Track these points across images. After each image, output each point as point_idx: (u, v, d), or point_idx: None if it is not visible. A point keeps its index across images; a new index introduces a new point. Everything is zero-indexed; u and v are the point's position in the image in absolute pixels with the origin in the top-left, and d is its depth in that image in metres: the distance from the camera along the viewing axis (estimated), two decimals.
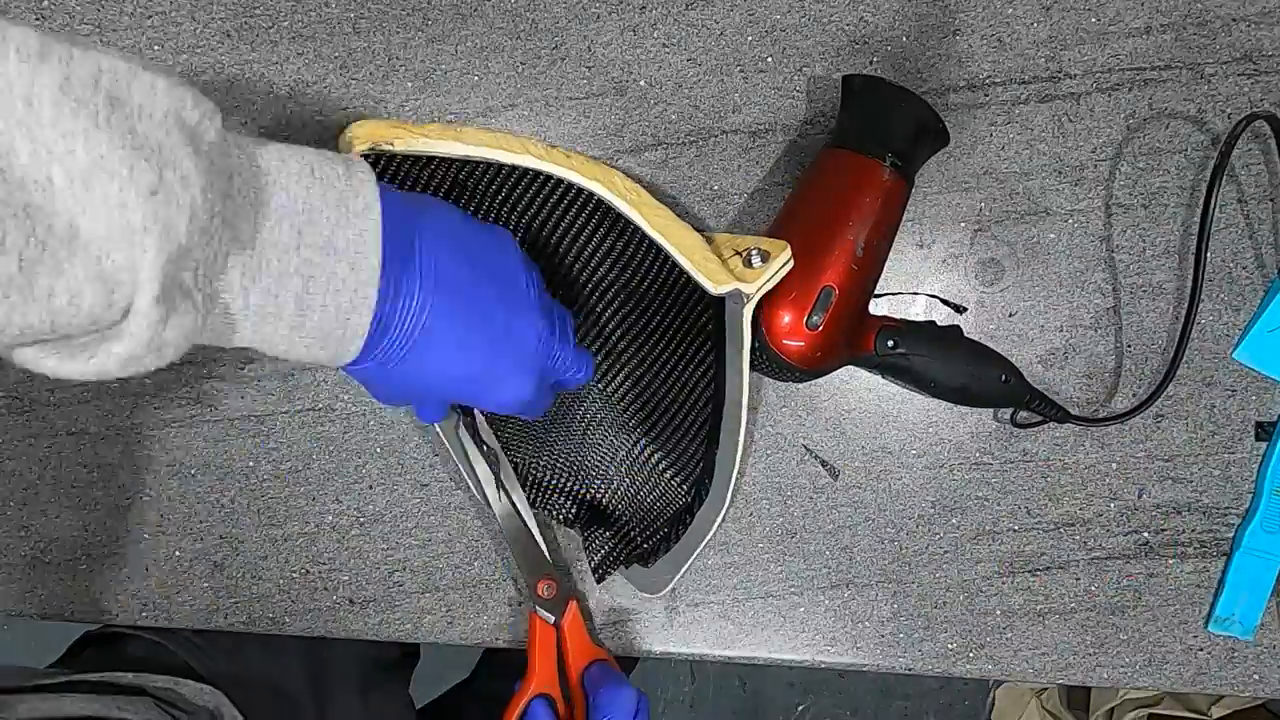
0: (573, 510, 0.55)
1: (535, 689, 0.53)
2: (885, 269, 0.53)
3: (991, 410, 0.56)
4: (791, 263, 0.48)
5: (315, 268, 0.34)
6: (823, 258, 0.49)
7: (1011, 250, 0.56)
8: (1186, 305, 0.53)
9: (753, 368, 0.51)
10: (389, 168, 0.49)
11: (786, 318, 0.49)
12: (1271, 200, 0.56)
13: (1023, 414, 0.55)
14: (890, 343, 0.51)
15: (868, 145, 0.49)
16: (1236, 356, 0.55)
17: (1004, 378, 0.52)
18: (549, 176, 0.49)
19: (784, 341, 0.49)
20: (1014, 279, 0.56)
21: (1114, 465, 0.56)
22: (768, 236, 0.50)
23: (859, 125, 0.51)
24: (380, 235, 0.36)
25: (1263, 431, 0.56)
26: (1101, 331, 0.56)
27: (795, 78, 0.56)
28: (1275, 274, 0.55)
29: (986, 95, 0.55)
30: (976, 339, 0.54)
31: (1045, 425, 0.56)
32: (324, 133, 0.56)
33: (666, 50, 0.56)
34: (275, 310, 0.34)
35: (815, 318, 0.48)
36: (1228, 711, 1.02)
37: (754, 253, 0.47)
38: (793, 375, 0.51)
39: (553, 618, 0.54)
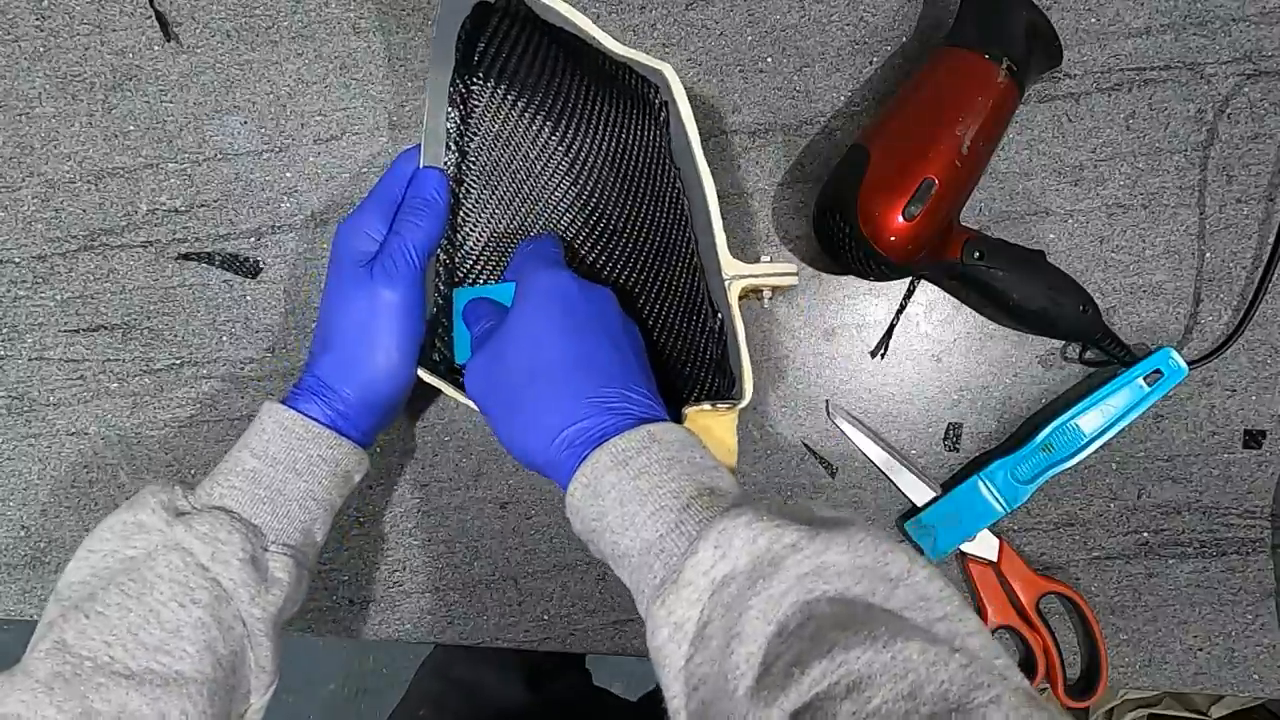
0: None
1: (993, 625, 0.56)
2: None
3: (1045, 355, 0.56)
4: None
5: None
6: (928, 149, 0.48)
7: None
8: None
9: (840, 259, 0.50)
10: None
11: (884, 205, 0.48)
12: (1270, 200, 0.56)
13: (1090, 353, 0.56)
14: (977, 254, 0.50)
15: (986, 46, 0.49)
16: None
17: (1082, 308, 0.52)
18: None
19: (878, 229, 0.48)
20: None
21: (1114, 465, 0.56)
22: (872, 129, 0.50)
23: (979, 27, 0.50)
24: None
25: (1252, 439, 0.56)
26: None
27: (795, 78, 0.56)
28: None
29: None
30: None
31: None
32: (324, 132, 0.56)
33: (666, 50, 0.56)
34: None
35: (914, 208, 0.47)
36: (1228, 711, 1.02)
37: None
38: (878, 268, 0.50)
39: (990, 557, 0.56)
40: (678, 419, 0.47)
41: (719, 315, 0.49)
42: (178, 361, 0.57)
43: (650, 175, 0.51)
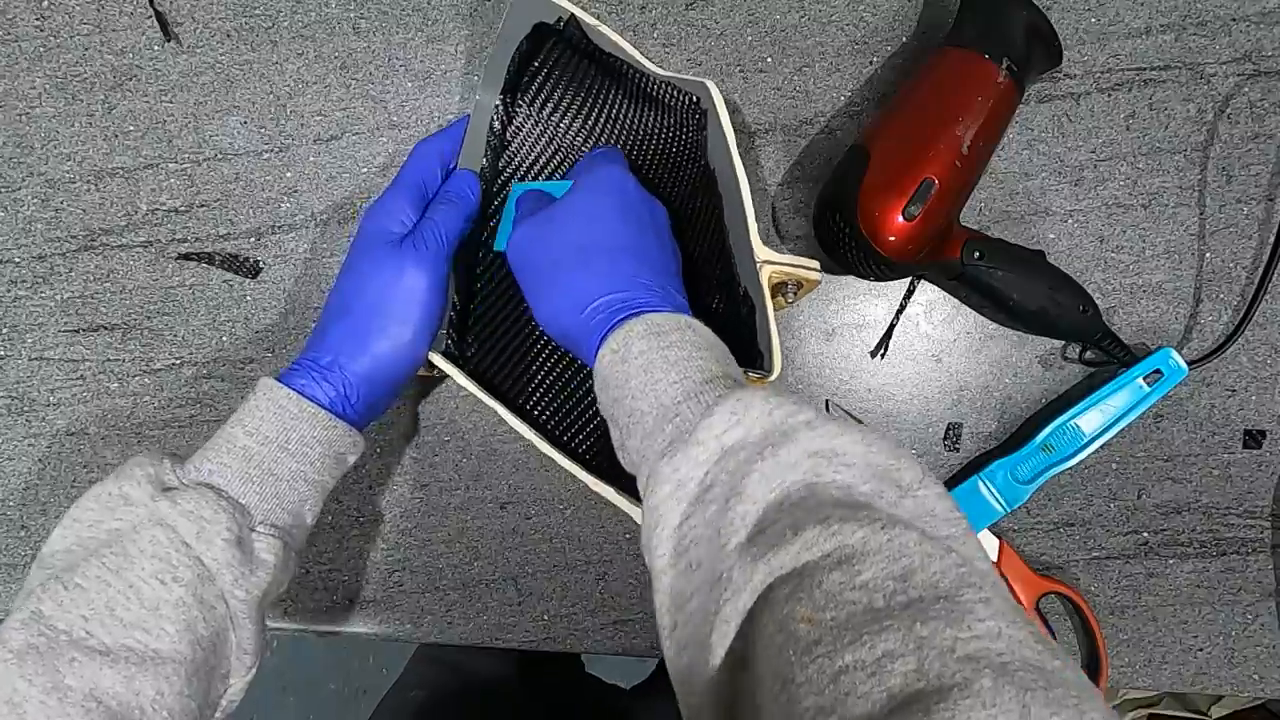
0: None
1: None
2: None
3: (1043, 357, 0.56)
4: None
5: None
6: (928, 149, 0.48)
7: None
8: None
9: (840, 259, 0.51)
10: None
11: (884, 205, 0.48)
12: (1270, 200, 0.56)
13: (1090, 353, 0.56)
14: (977, 254, 0.51)
15: (986, 46, 0.49)
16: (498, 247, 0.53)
17: (1082, 308, 0.52)
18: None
19: (878, 229, 0.48)
20: None
21: (1114, 465, 0.56)
22: (872, 130, 0.50)
23: (979, 27, 0.50)
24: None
25: (1252, 439, 0.56)
26: None
27: (795, 78, 0.56)
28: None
29: None
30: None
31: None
32: (324, 132, 0.56)
33: (666, 50, 0.56)
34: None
35: (914, 208, 0.47)
36: (1228, 711, 1.02)
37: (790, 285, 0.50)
38: (877, 268, 0.50)
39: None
40: None
41: (748, 298, 0.50)
42: (178, 361, 0.57)
43: (683, 174, 0.53)
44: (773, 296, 0.50)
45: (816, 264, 0.49)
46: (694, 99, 0.50)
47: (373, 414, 0.49)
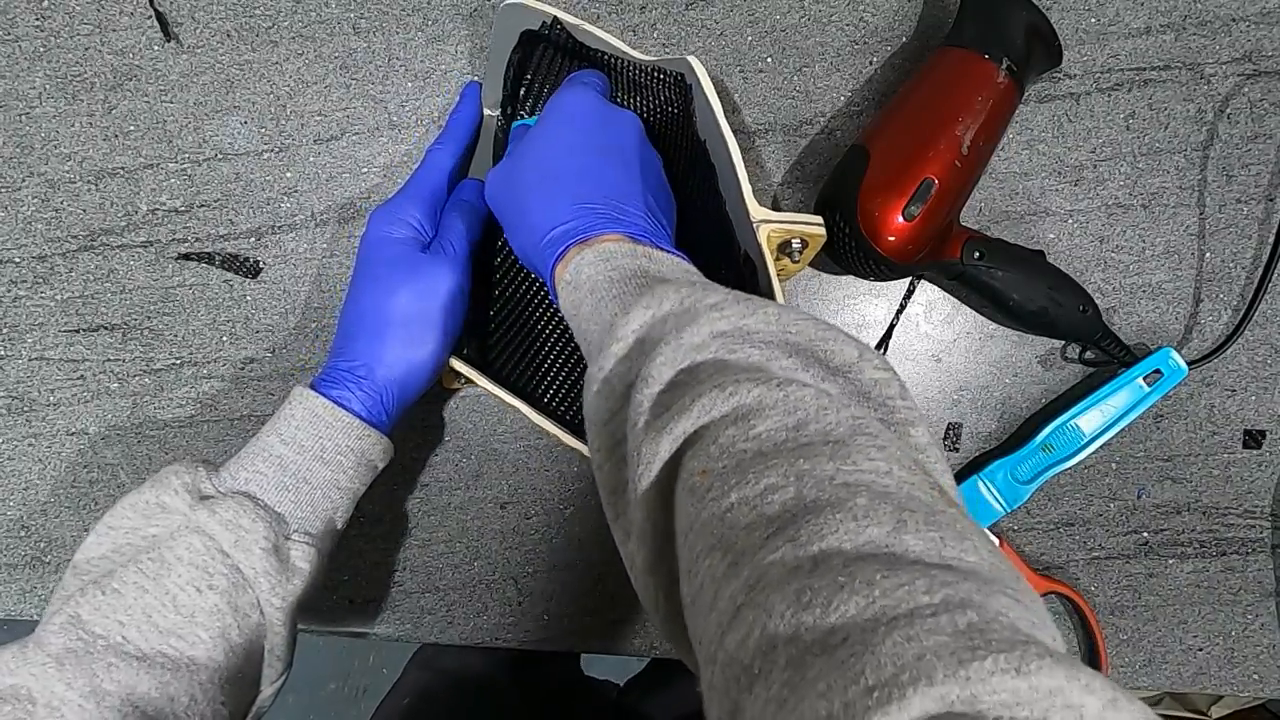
0: None
1: None
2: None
3: (1041, 356, 0.56)
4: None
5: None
6: (928, 149, 0.48)
7: None
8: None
9: (840, 259, 0.51)
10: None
11: (884, 205, 0.48)
12: (1270, 200, 0.56)
13: (1090, 353, 0.56)
14: (977, 254, 0.51)
15: (986, 46, 0.49)
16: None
17: (1082, 308, 0.52)
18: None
19: (878, 229, 0.48)
20: None
21: (1114, 465, 0.56)
22: (872, 130, 0.50)
23: (978, 27, 0.50)
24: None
25: (1252, 439, 0.56)
26: None
27: (795, 78, 0.56)
28: None
29: None
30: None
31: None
32: (324, 132, 0.56)
33: (666, 50, 0.56)
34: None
35: (914, 208, 0.47)
36: (1228, 711, 1.02)
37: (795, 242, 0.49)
38: (877, 268, 0.50)
39: None
40: None
41: (750, 261, 0.50)
42: (178, 361, 0.57)
43: (677, 152, 0.53)
44: (779, 259, 0.49)
45: (818, 219, 0.48)
46: (679, 77, 0.50)
47: (400, 418, 0.49)
